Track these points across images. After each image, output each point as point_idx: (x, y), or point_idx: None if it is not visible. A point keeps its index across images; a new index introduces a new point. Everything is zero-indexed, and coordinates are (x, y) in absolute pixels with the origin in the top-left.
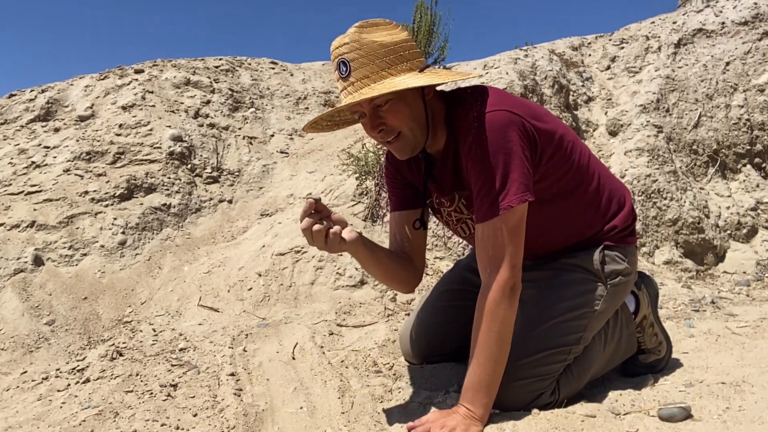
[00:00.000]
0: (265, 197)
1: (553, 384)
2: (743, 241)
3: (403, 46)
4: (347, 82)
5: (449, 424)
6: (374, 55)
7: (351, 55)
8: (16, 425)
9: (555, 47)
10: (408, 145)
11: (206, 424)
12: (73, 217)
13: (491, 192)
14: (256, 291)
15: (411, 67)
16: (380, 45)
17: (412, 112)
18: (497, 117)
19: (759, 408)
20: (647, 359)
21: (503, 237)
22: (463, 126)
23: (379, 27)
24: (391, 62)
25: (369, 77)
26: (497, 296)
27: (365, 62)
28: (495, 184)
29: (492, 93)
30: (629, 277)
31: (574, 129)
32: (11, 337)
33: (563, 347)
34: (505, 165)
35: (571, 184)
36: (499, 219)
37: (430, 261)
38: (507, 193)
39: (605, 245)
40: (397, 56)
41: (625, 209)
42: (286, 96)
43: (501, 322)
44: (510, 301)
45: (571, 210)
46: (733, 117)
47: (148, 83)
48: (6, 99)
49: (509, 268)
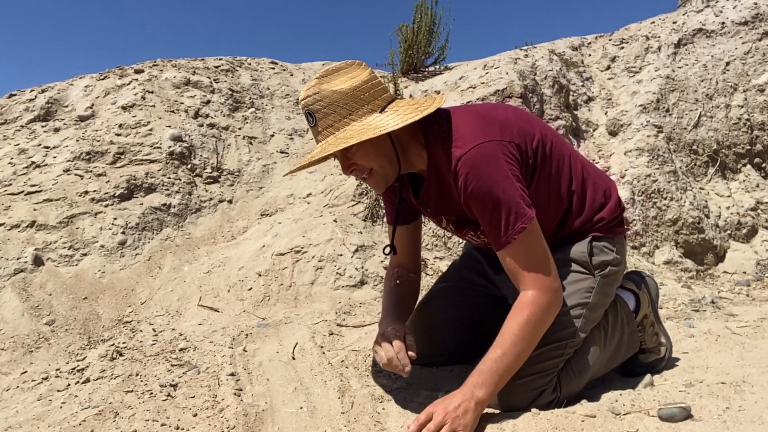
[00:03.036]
0: (265, 197)
1: (554, 381)
2: (743, 241)
3: (362, 89)
4: (315, 131)
5: (450, 406)
6: (335, 105)
7: (314, 106)
8: (16, 425)
9: (555, 47)
10: (381, 180)
11: (206, 424)
12: (73, 217)
13: (500, 222)
14: (256, 291)
15: (372, 109)
16: (340, 93)
17: (379, 150)
18: (479, 153)
19: (759, 408)
20: (647, 359)
21: (531, 254)
22: (441, 160)
23: (339, 73)
24: (351, 108)
25: (333, 125)
26: (548, 299)
27: (328, 112)
28: (501, 213)
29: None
30: (619, 267)
31: (574, 129)
32: (11, 337)
33: (560, 341)
34: (503, 192)
35: (556, 182)
36: (517, 242)
37: (430, 261)
38: (516, 217)
39: (593, 236)
40: (357, 101)
41: (612, 201)
42: (286, 96)
43: (542, 324)
44: (557, 305)
45: (557, 205)
46: (733, 117)
47: (148, 83)
48: (6, 99)
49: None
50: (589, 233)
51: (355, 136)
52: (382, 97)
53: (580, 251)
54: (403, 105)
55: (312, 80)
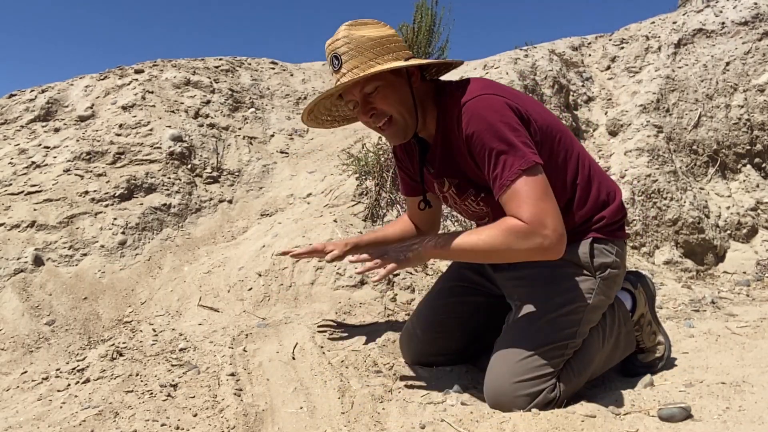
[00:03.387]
0: (265, 197)
1: (554, 381)
2: (743, 241)
3: (389, 39)
4: (339, 74)
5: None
6: (362, 48)
7: (342, 49)
8: (16, 425)
9: (555, 47)
10: (399, 129)
11: (206, 424)
12: (73, 217)
13: (502, 163)
14: (256, 291)
15: (396, 58)
16: (368, 39)
17: (400, 96)
18: (486, 100)
19: (759, 408)
20: (646, 358)
21: (531, 193)
22: (452, 114)
23: (368, 25)
24: (377, 53)
25: (358, 67)
26: (533, 232)
27: (354, 54)
28: (502, 154)
29: (480, 81)
30: (619, 270)
31: (574, 129)
32: (11, 337)
33: (560, 342)
34: (505, 134)
35: (561, 171)
36: (517, 183)
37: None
38: (516, 158)
39: (594, 238)
40: (383, 48)
41: (615, 203)
42: (286, 96)
43: (509, 247)
44: (547, 248)
45: (561, 193)
46: (733, 117)
47: (148, 83)
48: (6, 99)
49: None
50: (590, 232)
51: (379, 68)
52: (405, 51)
53: (581, 252)
54: (424, 58)
55: (341, 26)
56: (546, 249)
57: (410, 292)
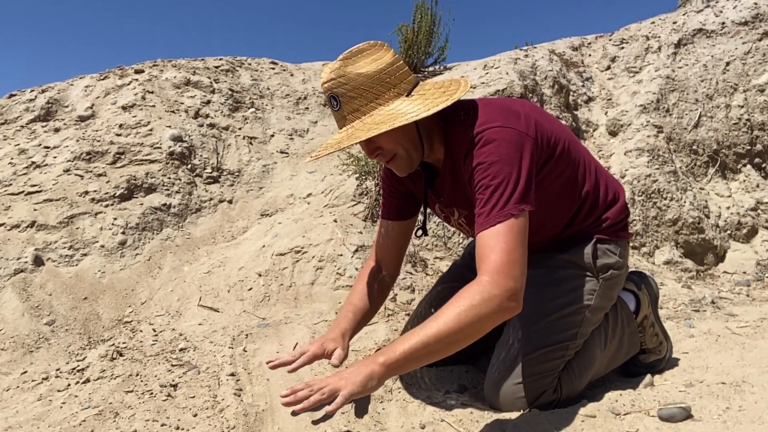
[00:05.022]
0: (265, 197)
1: (555, 382)
2: (743, 241)
3: (388, 72)
4: (340, 115)
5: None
6: (361, 89)
7: (339, 90)
8: (16, 425)
9: (555, 47)
10: (405, 164)
11: (206, 424)
12: (73, 217)
13: (490, 203)
14: (256, 291)
15: (398, 93)
16: (366, 77)
17: (405, 134)
18: (496, 133)
19: (759, 408)
20: (648, 359)
21: (510, 245)
22: (459, 145)
23: (363, 54)
24: (378, 92)
25: (359, 110)
26: (500, 295)
27: (353, 96)
28: (504, 188)
29: (488, 108)
30: (621, 271)
31: (574, 129)
32: (11, 337)
33: (561, 343)
34: (514, 171)
35: (570, 182)
36: (505, 225)
37: (430, 261)
38: (508, 202)
39: (597, 239)
40: (383, 85)
41: (619, 204)
42: (286, 96)
43: (481, 319)
44: (507, 310)
45: (569, 203)
46: (733, 117)
47: (148, 83)
48: (6, 99)
49: (516, 277)
50: (594, 234)
51: (385, 122)
52: (407, 80)
53: (584, 254)
54: (428, 88)
55: (335, 62)
56: (513, 294)
57: (410, 292)
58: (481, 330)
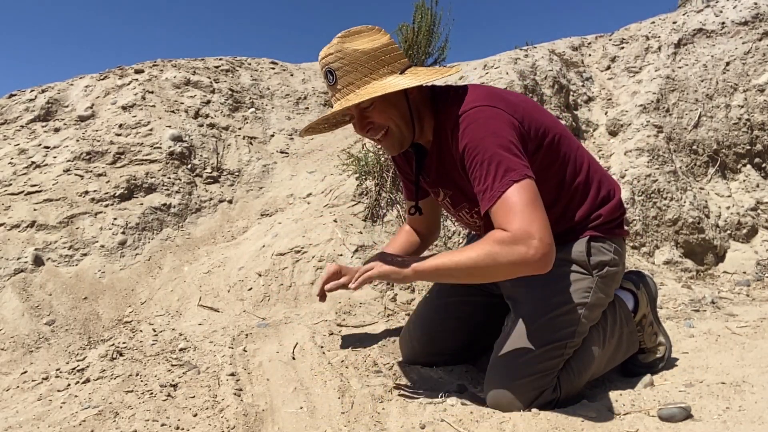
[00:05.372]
0: (265, 197)
1: (554, 381)
2: (743, 241)
3: (384, 50)
4: (335, 90)
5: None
6: (357, 63)
7: (335, 64)
8: (16, 425)
9: (555, 47)
10: (396, 141)
11: (206, 424)
12: (73, 217)
13: (490, 174)
14: (256, 291)
15: (392, 70)
16: (362, 53)
17: (397, 110)
18: (481, 112)
19: (759, 408)
20: (647, 359)
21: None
22: (447, 125)
23: (361, 34)
24: (372, 68)
25: (354, 84)
26: (520, 241)
27: (349, 70)
28: (493, 166)
29: (476, 91)
30: (617, 268)
31: (574, 129)
32: (11, 337)
33: (559, 342)
34: (499, 147)
35: (559, 174)
36: (506, 195)
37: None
38: (506, 171)
39: (591, 236)
40: (378, 61)
41: (614, 201)
42: (286, 96)
43: (494, 260)
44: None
45: (559, 197)
46: (733, 117)
47: (148, 83)
48: (6, 99)
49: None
50: (588, 230)
51: (378, 91)
52: (401, 61)
53: (578, 251)
54: (422, 70)
55: (334, 39)
56: (532, 259)
57: (410, 292)
58: (498, 275)
